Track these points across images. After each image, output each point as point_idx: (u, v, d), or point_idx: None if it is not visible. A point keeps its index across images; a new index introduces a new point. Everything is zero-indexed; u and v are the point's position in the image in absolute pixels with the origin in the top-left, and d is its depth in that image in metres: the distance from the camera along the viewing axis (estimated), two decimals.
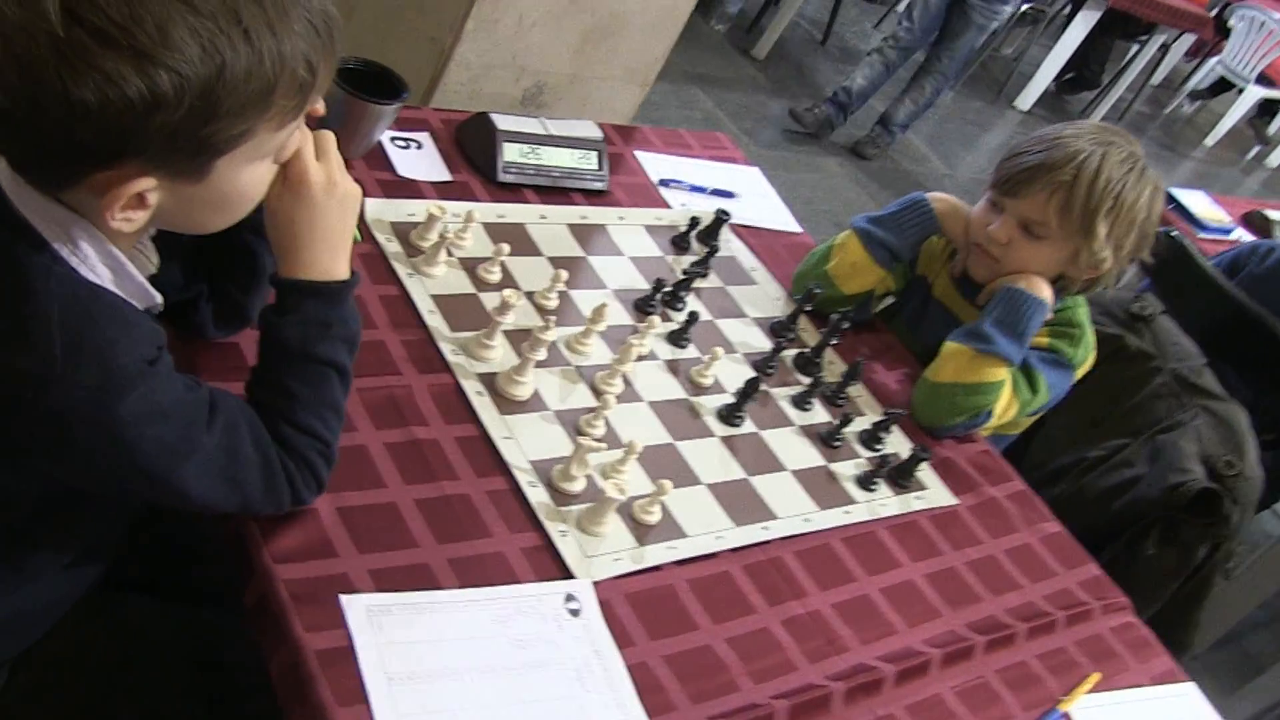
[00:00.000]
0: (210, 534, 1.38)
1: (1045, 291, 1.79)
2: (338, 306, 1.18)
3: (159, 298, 1.13)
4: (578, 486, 1.43)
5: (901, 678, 1.39)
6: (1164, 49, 7.17)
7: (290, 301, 1.17)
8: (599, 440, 1.50)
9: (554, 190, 1.89)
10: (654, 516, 1.44)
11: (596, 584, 1.34)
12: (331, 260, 1.17)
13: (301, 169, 1.14)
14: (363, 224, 1.25)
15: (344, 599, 1.20)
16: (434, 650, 1.20)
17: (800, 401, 1.74)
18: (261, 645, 1.20)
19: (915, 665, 1.40)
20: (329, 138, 1.18)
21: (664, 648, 1.31)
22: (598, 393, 1.57)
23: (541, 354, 1.49)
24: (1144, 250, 1.81)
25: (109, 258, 1.05)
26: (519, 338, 1.52)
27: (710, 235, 1.94)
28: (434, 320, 1.56)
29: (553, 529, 1.37)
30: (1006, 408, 1.79)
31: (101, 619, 1.40)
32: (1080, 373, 1.89)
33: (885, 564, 1.55)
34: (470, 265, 1.67)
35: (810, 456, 1.67)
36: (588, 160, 1.92)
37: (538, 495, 1.40)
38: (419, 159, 1.83)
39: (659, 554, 1.41)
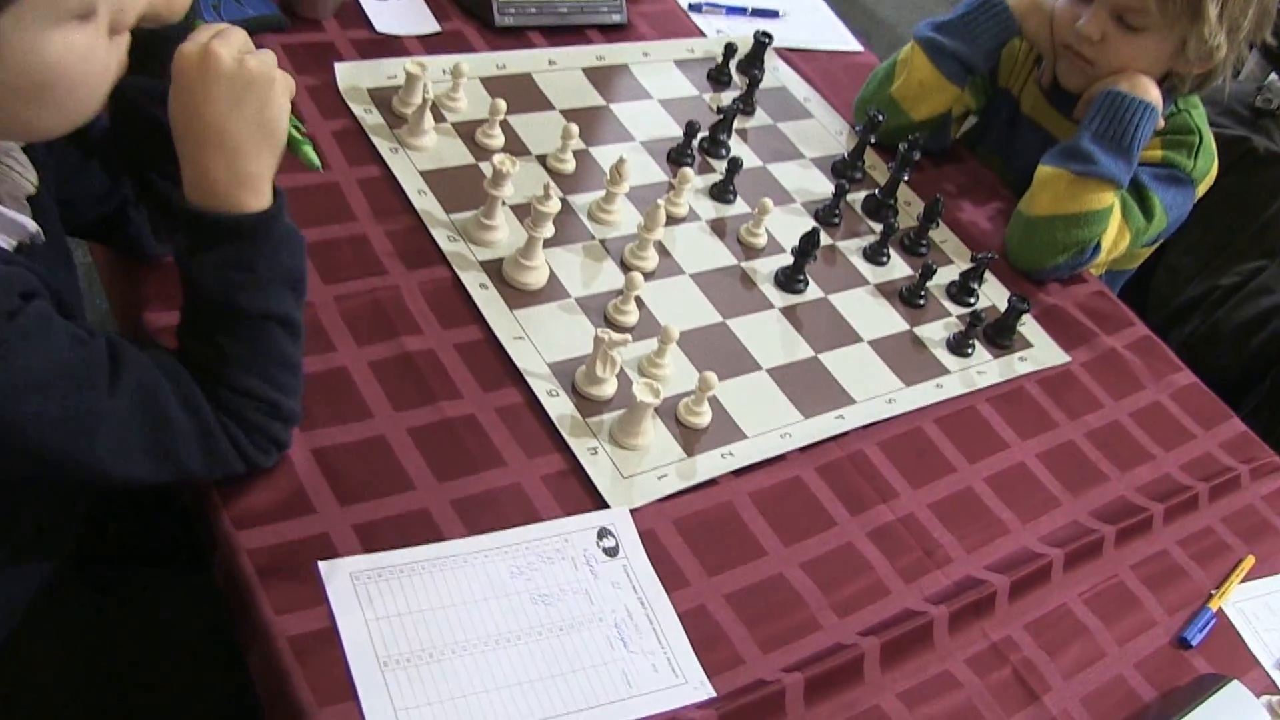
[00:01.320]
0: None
1: (1152, 93, 1.48)
2: (263, 245, 0.93)
3: (33, 226, 0.88)
4: (608, 390, 1.19)
5: (1017, 590, 1.14)
6: None
7: (199, 239, 0.92)
8: (631, 328, 1.25)
9: (563, 29, 1.61)
10: (703, 417, 1.20)
11: (636, 512, 1.10)
12: (246, 184, 0.91)
13: (191, 52, 0.88)
14: (314, 143, 0.99)
15: (322, 566, 0.98)
16: (436, 622, 0.97)
17: (873, 254, 1.47)
18: (238, 634, 0.98)
19: (1033, 572, 1.16)
20: (234, 29, 0.91)
21: (725, 584, 1.07)
22: (627, 269, 1.31)
23: (547, 230, 1.23)
24: (1265, 30, 1.49)
25: None
26: (528, 214, 1.25)
27: (752, 63, 1.65)
28: (424, 202, 1.31)
29: (580, 447, 1.13)
30: (1117, 239, 1.51)
31: (103, 595, 1.19)
32: (1202, 188, 1.59)
33: (989, 446, 1.29)
34: (466, 130, 1.41)
35: (890, 321, 1.40)
36: None
37: (560, 407, 1.16)
38: (400, 10, 1.55)
39: (712, 464, 1.16)
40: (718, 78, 1.64)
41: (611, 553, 1.06)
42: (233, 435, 0.94)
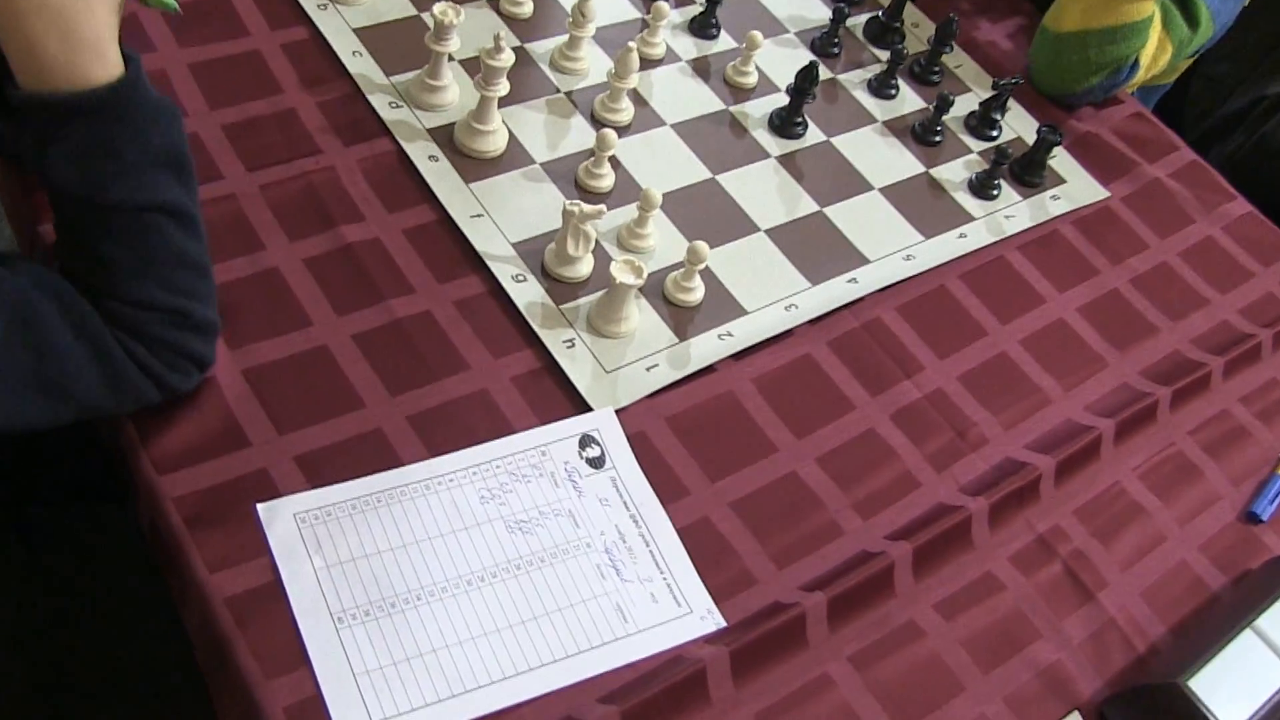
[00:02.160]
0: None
1: None
2: (125, 122, 0.76)
3: None
4: (583, 270, 1.03)
5: (1064, 471, 1.01)
6: None
7: (46, 130, 0.75)
8: (606, 194, 1.09)
9: None
10: (695, 294, 1.04)
11: (622, 413, 0.96)
12: (83, 49, 0.74)
13: None
14: None
15: (261, 510, 0.84)
16: (398, 565, 0.84)
17: (880, 87, 1.30)
18: (172, 594, 0.85)
19: (1081, 449, 1.02)
20: None
21: (729, 490, 0.94)
22: (599, 125, 1.14)
23: (502, 87, 1.07)
24: None
25: None
26: (479, 70, 1.08)
27: None
28: (360, 65, 1.13)
29: (553, 341, 0.98)
30: (1156, 54, 1.33)
31: (33, 539, 1.06)
32: None
33: (1022, 303, 1.14)
34: None
35: (902, 163, 1.24)
36: None
37: (528, 294, 1.01)
38: None
39: (708, 348, 1.02)
40: None
41: (597, 463, 0.92)
42: (137, 356, 0.80)
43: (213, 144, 1.03)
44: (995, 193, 1.22)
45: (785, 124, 1.22)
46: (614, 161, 1.12)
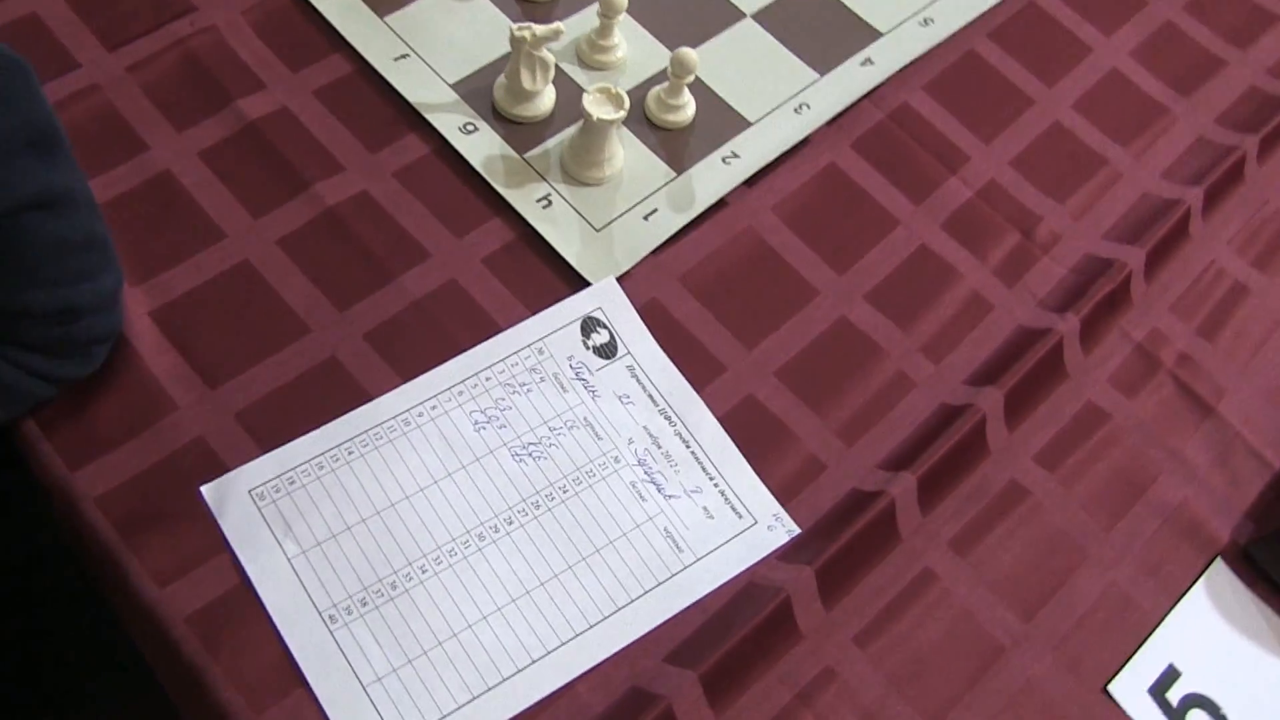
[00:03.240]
0: None
1: None
2: None
3: None
4: (544, 105, 0.82)
5: (1153, 260, 0.83)
6: None
7: None
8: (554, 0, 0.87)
9: None
10: (684, 111, 0.84)
11: (626, 280, 0.76)
12: None
13: None
14: None
15: (207, 492, 0.65)
16: (389, 533, 0.66)
17: None
18: (119, 617, 0.68)
19: (1168, 230, 0.83)
20: None
21: (771, 355, 0.75)
22: None
23: None
24: None
25: None
26: None
27: None
28: None
29: (524, 201, 0.78)
30: None
31: None
32: None
33: (1067, 56, 0.93)
34: None
35: None
36: None
37: (482, 146, 0.80)
38: None
39: (713, 178, 0.81)
40: None
41: (607, 352, 0.74)
42: (26, 364, 0.61)
43: (57, 24, 0.79)
44: None
45: None
46: None
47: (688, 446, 0.71)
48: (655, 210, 0.79)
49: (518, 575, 0.66)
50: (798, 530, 0.69)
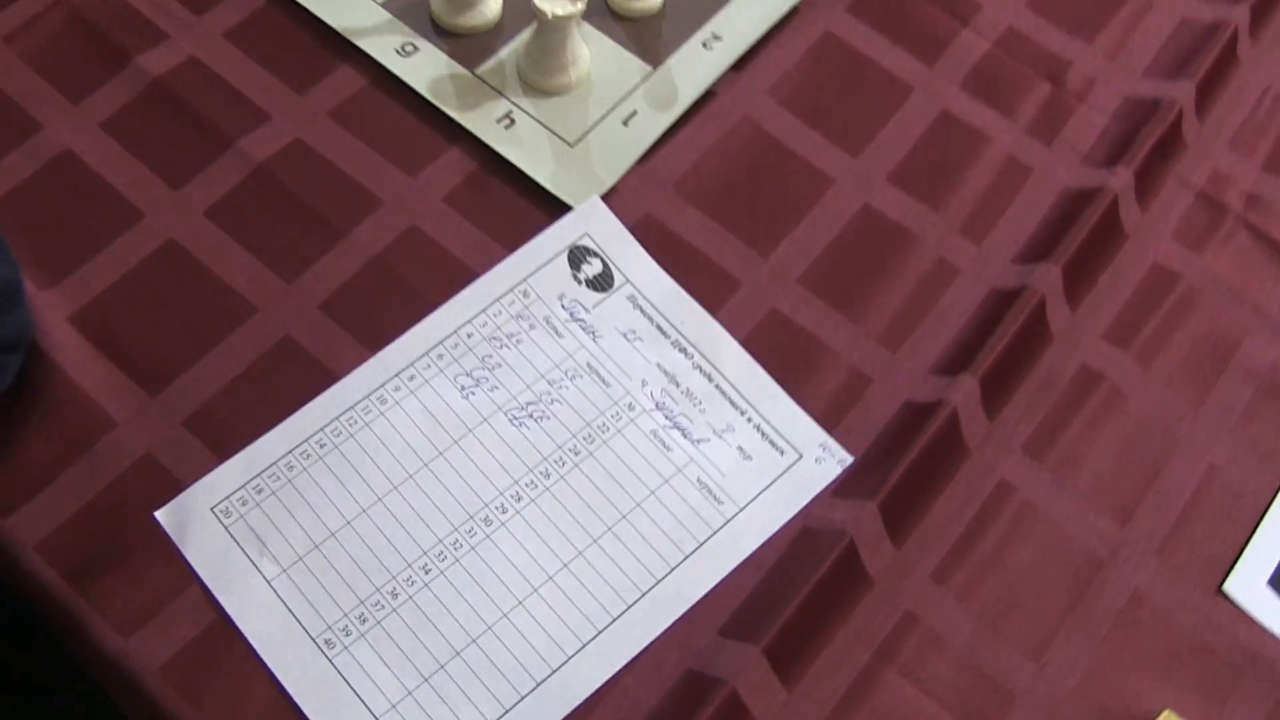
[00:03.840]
0: None
1: None
2: None
3: None
4: (490, 10, 0.70)
5: (1203, 94, 0.71)
6: None
7: None
8: None
9: None
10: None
11: (613, 198, 0.65)
12: None
13: None
14: None
15: (163, 517, 0.55)
16: (379, 533, 0.56)
17: None
18: (87, 672, 0.58)
19: (1215, 59, 0.72)
20: None
21: (790, 260, 0.65)
22: None
23: None
24: None
25: None
26: None
27: None
28: None
29: (482, 123, 0.67)
30: None
31: None
32: None
33: None
34: None
35: None
36: None
37: (424, 67, 0.69)
38: None
39: (695, 67, 0.70)
40: None
41: (602, 284, 0.63)
42: None
43: None
44: None
45: None
46: None
47: (710, 380, 0.61)
48: (635, 113, 0.68)
49: (536, 560, 0.56)
50: (850, 459, 0.59)
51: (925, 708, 0.54)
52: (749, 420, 0.60)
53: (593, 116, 0.68)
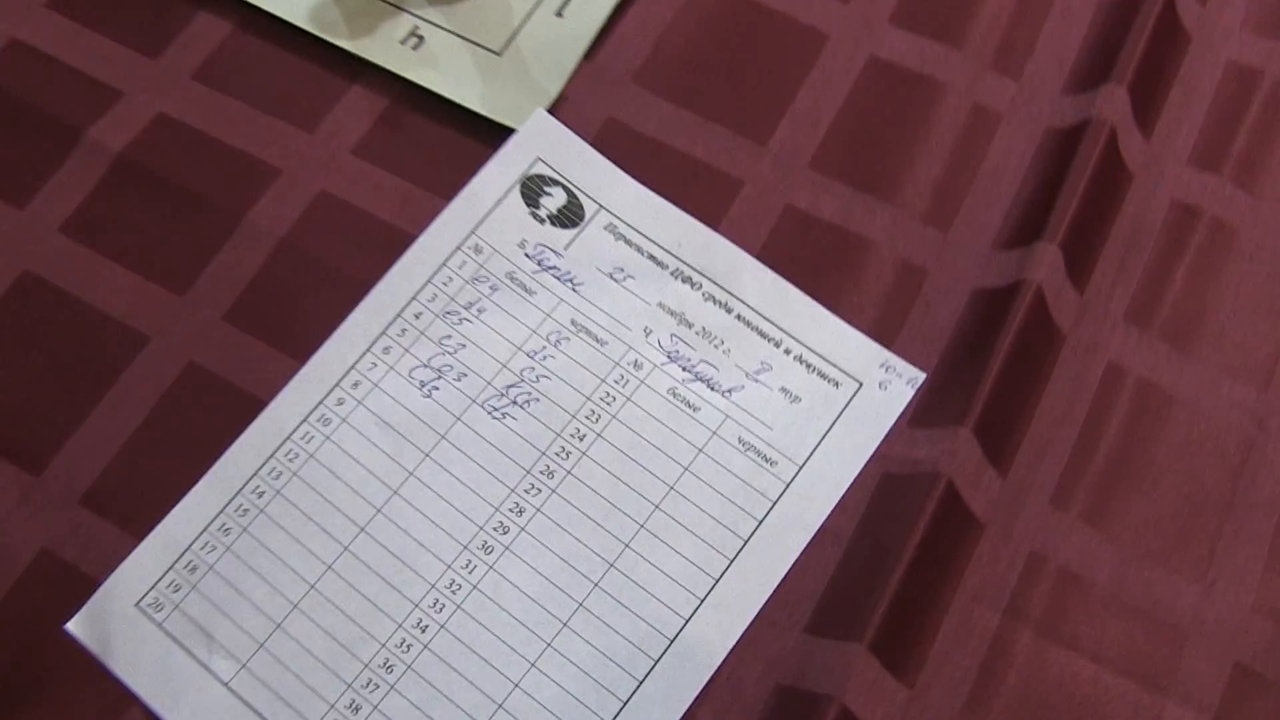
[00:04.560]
0: None
1: None
2: None
3: None
4: None
5: None
6: None
7: None
8: None
9: None
10: None
11: (563, 108, 0.51)
12: None
13: None
14: None
15: (76, 630, 0.42)
16: (354, 592, 0.42)
17: None
18: None
19: None
20: None
21: (796, 142, 0.51)
22: None
23: None
24: None
25: None
26: None
27: None
28: None
29: (384, 49, 0.53)
30: None
31: None
32: None
33: None
34: None
35: None
36: None
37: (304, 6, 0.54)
38: None
39: None
40: None
41: (570, 217, 0.49)
42: None
43: None
44: None
45: None
46: None
47: (729, 311, 0.47)
48: (566, 4, 0.54)
49: (558, 585, 0.43)
50: (921, 375, 0.46)
51: (1082, 671, 0.42)
52: (787, 352, 0.46)
53: (518, 13, 0.53)
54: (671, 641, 0.42)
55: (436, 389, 0.46)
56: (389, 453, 0.44)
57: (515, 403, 0.45)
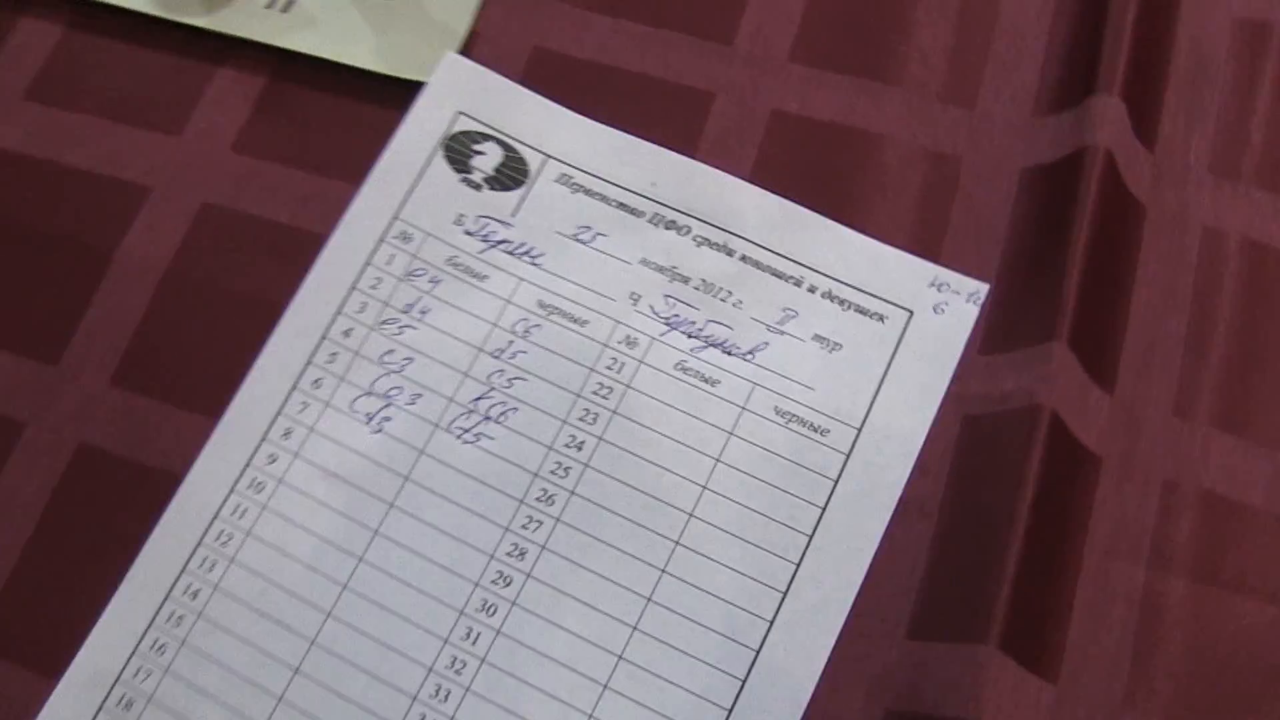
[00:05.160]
0: None
1: None
2: None
3: None
4: None
5: None
6: None
7: None
8: None
9: None
10: None
11: (474, 47, 0.40)
12: None
13: None
14: None
15: None
16: (336, 696, 0.32)
17: None
18: None
19: None
20: None
21: (767, 29, 0.41)
22: None
23: None
24: None
25: None
26: None
27: None
28: None
29: (243, 19, 0.42)
30: None
31: None
32: None
33: None
34: None
35: None
36: None
37: None
38: None
39: None
40: None
41: (512, 175, 0.39)
42: None
43: None
44: None
45: None
46: None
47: (731, 253, 0.37)
48: None
49: (585, 637, 0.33)
50: (984, 287, 0.36)
51: (1257, 616, 0.32)
52: (813, 290, 0.36)
53: None
54: (744, 682, 0.32)
55: (388, 420, 0.35)
56: (344, 511, 0.34)
57: (489, 418, 0.35)
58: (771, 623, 0.33)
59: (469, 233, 0.38)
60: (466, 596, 0.33)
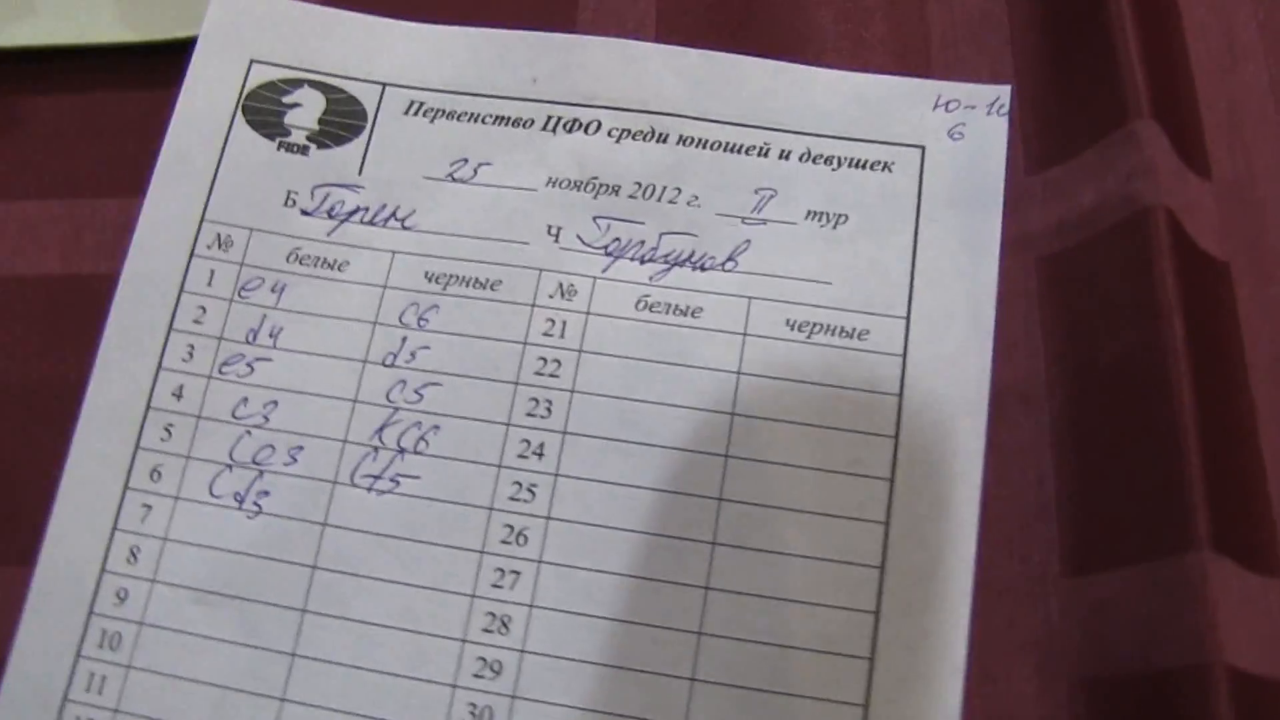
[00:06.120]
0: None
1: None
2: None
3: None
4: None
5: None
6: None
7: None
8: None
9: None
10: None
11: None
12: None
13: None
14: None
15: None
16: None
17: None
18: None
19: None
20: None
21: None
22: None
23: None
24: None
25: None
26: None
27: None
28: None
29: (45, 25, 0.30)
30: None
31: None
32: None
33: None
34: None
35: None
36: None
37: None
38: None
39: None
40: None
41: (342, 120, 0.28)
42: None
43: None
44: None
45: None
46: None
47: (662, 137, 0.27)
48: None
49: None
50: (1005, 88, 0.26)
51: None
52: (785, 156, 0.26)
53: None
54: (865, 709, 0.22)
55: (265, 494, 0.24)
56: (240, 639, 0.23)
57: (403, 450, 0.24)
58: (878, 613, 0.22)
59: (307, 212, 0.27)
60: (447, 707, 0.22)
